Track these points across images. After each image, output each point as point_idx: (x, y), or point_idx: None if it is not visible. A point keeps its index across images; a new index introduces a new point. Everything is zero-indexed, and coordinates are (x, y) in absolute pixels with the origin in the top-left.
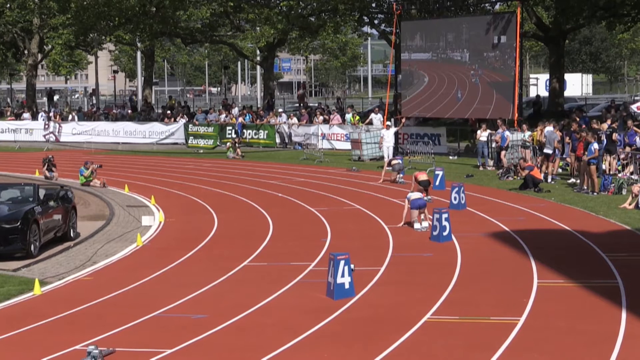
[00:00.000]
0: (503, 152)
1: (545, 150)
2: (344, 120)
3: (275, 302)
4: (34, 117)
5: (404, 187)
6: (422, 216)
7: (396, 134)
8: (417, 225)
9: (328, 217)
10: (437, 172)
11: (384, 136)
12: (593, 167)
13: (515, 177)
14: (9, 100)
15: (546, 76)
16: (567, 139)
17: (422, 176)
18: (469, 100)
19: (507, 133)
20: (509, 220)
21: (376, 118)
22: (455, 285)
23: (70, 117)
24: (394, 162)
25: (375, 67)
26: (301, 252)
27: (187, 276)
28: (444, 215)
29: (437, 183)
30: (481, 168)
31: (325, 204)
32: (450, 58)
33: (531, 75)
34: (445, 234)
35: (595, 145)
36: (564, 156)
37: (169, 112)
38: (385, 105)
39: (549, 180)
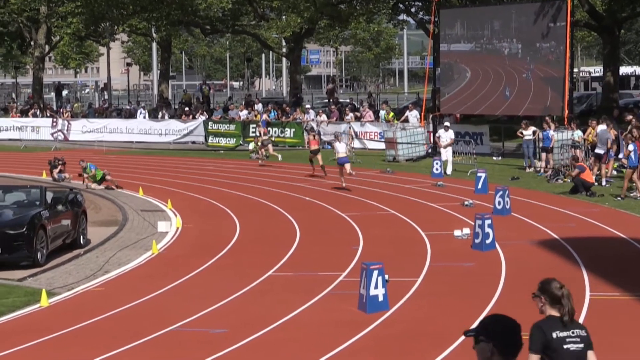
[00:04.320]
0: (549, 154)
1: (597, 151)
2: (377, 117)
3: (302, 315)
4: (43, 113)
5: (444, 191)
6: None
7: (461, 136)
8: (457, 233)
9: (360, 223)
10: (479, 174)
11: (440, 137)
12: (628, 171)
13: (565, 179)
14: (14, 95)
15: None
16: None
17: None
18: (519, 98)
19: (551, 132)
20: (558, 227)
21: (412, 115)
22: (500, 297)
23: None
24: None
25: (411, 60)
26: (330, 261)
27: (206, 287)
28: (487, 222)
29: (480, 186)
30: (528, 170)
31: (357, 208)
32: (496, 49)
33: (582, 69)
34: (488, 241)
35: (630, 147)
36: (620, 157)
37: (187, 108)
38: (423, 101)
39: (603, 183)
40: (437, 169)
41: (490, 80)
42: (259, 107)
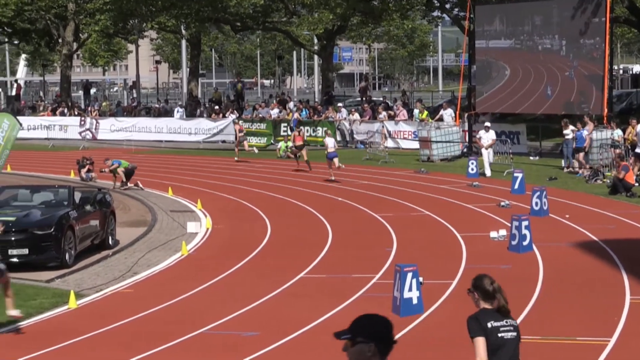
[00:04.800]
0: (581, 154)
1: (638, 150)
2: (411, 116)
3: (334, 318)
4: (71, 112)
5: (480, 191)
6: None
7: (507, 136)
8: (493, 234)
9: (393, 224)
10: (515, 175)
11: (481, 138)
12: None
13: (605, 180)
14: (41, 94)
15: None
16: None
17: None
18: (561, 96)
19: (585, 132)
20: (597, 229)
21: (446, 114)
22: (537, 301)
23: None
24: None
25: (446, 57)
26: (364, 263)
27: (237, 289)
28: (524, 223)
29: (517, 186)
30: (566, 170)
31: (391, 209)
32: (537, 46)
33: (622, 66)
34: (525, 243)
35: None
36: None
37: (217, 107)
38: (458, 99)
39: None
40: (472, 169)
41: (531, 78)
42: (290, 105)
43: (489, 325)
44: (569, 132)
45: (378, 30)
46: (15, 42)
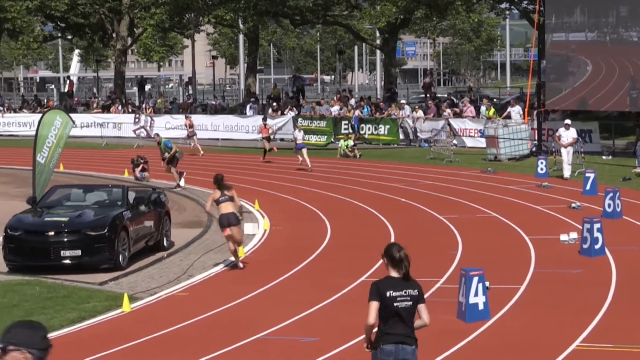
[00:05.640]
0: None
1: None
2: (477, 113)
3: None
4: (125, 109)
5: (550, 192)
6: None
7: (579, 134)
8: (563, 237)
9: (459, 226)
10: (587, 175)
11: (561, 136)
12: None
13: None
14: (95, 90)
15: None
16: None
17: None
18: None
19: None
20: None
21: (514, 111)
22: (610, 307)
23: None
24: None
25: (514, 52)
26: (427, 267)
27: (295, 293)
28: (596, 226)
29: (588, 187)
30: (634, 170)
31: (456, 210)
32: (623, 39)
33: None
34: (597, 247)
35: None
36: None
37: (274, 104)
38: (527, 96)
39: None
40: (541, 169)
41: (615, 74)
42: (352, 102)
43: (388, 294)
44: None
45: (443, 24)
46: (69, 37)
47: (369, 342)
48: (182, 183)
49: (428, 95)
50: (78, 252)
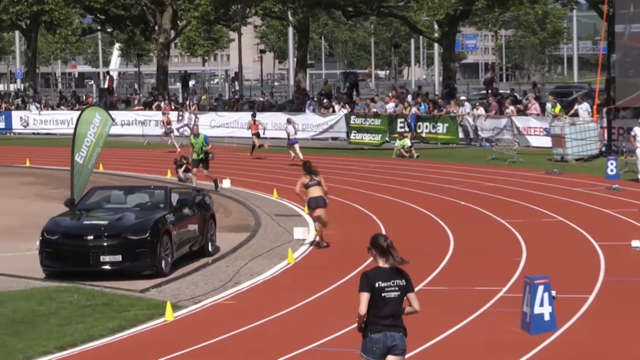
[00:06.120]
0: None
1: None
2: (543, 110)
3: (457, 335)
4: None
5: (621, 195)
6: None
7: None
8: (635, 243)
9: (522, 231)
10: None
11: (636, 136)
12: None
13: None
14: (136, 86)
15: None
16: None
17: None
18: None
19: None
20: None
21: (582, 109)
22: None
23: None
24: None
25: (582, 45)
26: (489, 274)
27: (348, 301)
28: None
29: None
30: None
31: (519, 214)
32: None
33: None
34: None
35: None
36: None
37: (325, 100)
38: (595, 92)
39: None
40: (611, 170)
41: None
42: (408, 98)
43: (377, 285)
44: None
45: (506, 16)
46: (109, 30)
47: (361, 330)
48: (222, 185)
49: (489, 91)
50: (118, 258)
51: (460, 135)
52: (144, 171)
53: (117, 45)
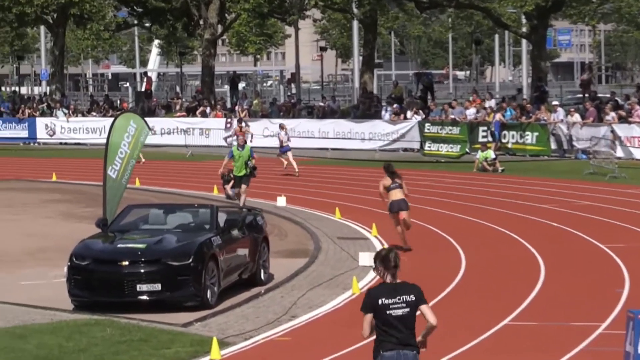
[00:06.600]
0: None
1: None
2: None
3: None
4: (214, 111)
5: None
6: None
7: None
8: None
9: (625, 258)
10: None
11: None
12: None
13: None
14: (178, 89)
15: None
16: None
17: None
18: None
19: None
20: None
21: None
22: None
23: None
24: None
25: None
26: (586, 308)
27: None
28: None
29: None
30: None
31: (622, 238)
32: None
33: None
34: None
35: None
36: None
37: (396, 106)
38: None
39: None
40: None
41: None
42: (492, 103)
43: (380, 302)
44: None
45: (605, 7)
46: (147, 24)
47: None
48: (277, 203)
49: (586, 95)
50: (157, 286)
51: (552, 145)
52: (187, 187)
53: (156, 42)
